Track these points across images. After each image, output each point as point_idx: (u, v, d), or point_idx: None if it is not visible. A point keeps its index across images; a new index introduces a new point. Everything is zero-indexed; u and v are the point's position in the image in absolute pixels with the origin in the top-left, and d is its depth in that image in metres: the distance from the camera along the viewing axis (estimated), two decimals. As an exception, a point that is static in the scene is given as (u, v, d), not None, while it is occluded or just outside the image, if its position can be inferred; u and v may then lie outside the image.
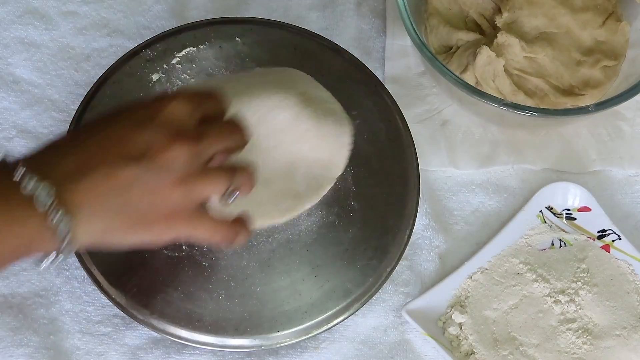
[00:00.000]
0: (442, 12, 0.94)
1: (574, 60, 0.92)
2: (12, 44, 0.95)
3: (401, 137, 0.87)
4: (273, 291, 0.81)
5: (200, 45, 0.89)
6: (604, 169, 0.93)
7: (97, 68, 0.93)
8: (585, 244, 0.88)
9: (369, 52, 0.96)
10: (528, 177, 0.93)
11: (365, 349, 0.85)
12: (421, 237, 0.89)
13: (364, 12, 0.98)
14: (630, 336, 0.84)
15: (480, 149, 0.93)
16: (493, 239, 0.88)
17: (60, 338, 0.83)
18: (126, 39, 0.95)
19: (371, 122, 0.87)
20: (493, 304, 0.85)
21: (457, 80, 0.85)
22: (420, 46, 0.86)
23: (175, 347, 0.83)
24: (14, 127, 0.92)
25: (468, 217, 0.91)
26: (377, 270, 0.82)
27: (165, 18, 0.97)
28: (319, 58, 0.90)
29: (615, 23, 0.93)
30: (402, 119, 0.88)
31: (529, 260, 0.87)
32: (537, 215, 0.90)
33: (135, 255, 0.81)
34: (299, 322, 0.80)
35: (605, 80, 0.92)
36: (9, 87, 0.93)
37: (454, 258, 0.89)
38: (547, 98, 0.90)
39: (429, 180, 0.91)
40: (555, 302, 0.85)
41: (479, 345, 0.83)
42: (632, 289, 0.86)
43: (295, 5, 0.98)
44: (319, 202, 0.83)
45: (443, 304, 0.86)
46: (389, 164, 0.86)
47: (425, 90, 0.95)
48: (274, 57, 0.89)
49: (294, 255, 0.82)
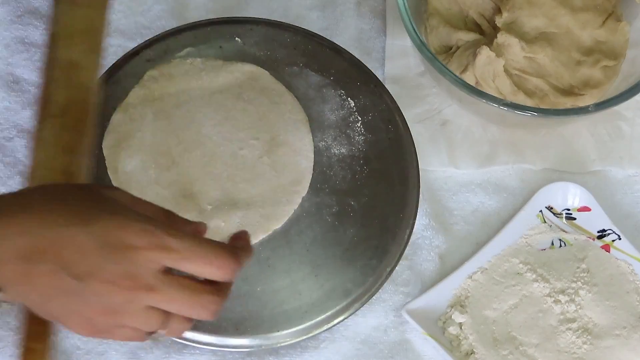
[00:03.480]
0: (442, 12, 0.94)
1: (574, 60, 0.92)
2: (12, 44, 0.95)
3: (401, 137, 0.87)
4: (273, 291, 0.81)
5: (200, 45, 0.89)
6: (604, 168, 0.93)
7: (97, 68, 0.94)
8: (585, 244, 0.88)
9: (369, 52, 0.96)
10: (528, 177, 0.93)
11: (365, 348, 0.85)
12: (421, 237, 0.89)
13: (364, 12, 0.98)
14: (630, 336, 0.84)
15: (480, 149, 0.93)
16: (493, 239, 0.88)
17: (61, 338, 0.83)
18: (126, 39, 0.95)
19: (371, 122, 0.87)
20: (493, 304, 0.85)
21: (457, 80, 0.85)
22: (420, 46, 0.86)
23: (176, 347, 0.83)
24: (14, 127, 0.92)
25: (468, 217, 0.91)
26: (377, 270, 0.82)
27: (165, 18, 0.97)
28: (319, 58, 0.90)
29: (615, 23, 0.93)
30: (402, 119, 0.88)
31: (529, 260, 0.87)
32: (537, 215, 0.90)
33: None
34: (299, 321, 0.80)
35: (605, 80, 0.92)
36: (9, 87, 0.93)
37: (454, 258, 0.89)
38: (547, 98, 0.90)
39: (429, 180, 0.91)
40: (555, 302, 0.85)
41: (479, 345, 0.83)
42: (632, 289, 0.86)
43: (295, 5, 0.98)
44: (318, 201, 0.84)
45: (443, 304, 0.86)
46: (389, 164, 0.86)
47: (425, 90, 0.95)
48: (274, 57, 0.89)
49: (294, 255, 0.82)
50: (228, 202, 0.83)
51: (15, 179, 0.89)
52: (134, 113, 0.86)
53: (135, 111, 0.86)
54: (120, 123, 0.86)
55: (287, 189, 0.84)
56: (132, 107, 0.86)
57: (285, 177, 0.85)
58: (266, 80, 0.88)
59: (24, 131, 0.91)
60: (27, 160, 0.90)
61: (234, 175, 0.84)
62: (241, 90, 0.88)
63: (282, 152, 0.85)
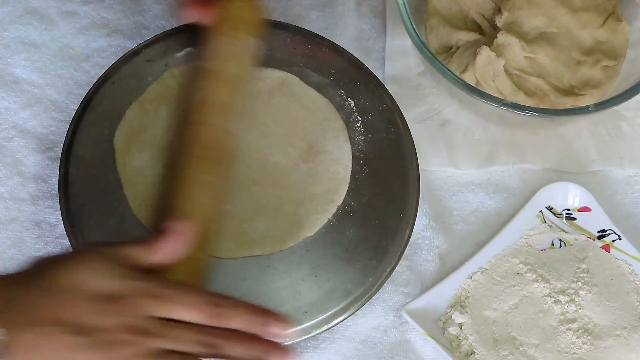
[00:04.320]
0: (442, 12, 0.94)
1: (574, 60, 0.92)
2: (12, 44, 0.95)
3: (401, 137, 0.87)
4: (273, 291, 0.81)
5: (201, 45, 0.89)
6: (604, 169, 0.93)
7: (97, 68, 0.94)
8: (585, 244, 0.88)
9: (369, 52, 0.96)
10: (528, 177, 0.93)
11: (365, 349, 0.85)
12: (421, 237, 0.89)
13: (364, 12, 0.98)
14: (630, 336, 0.84)
15: (480, 149, 0.93)
16: (493, 239, 0.88)
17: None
18: (126, 39, 0.96)
19: (371, 122, 0.87)
20: (493, 304, 0.85)
21: (457, 80, 0.85)
22: (420, 46, 0.86)
23: (175, 347, 0.83)
24: (13, 127, 0.92)
25: (468, 217, 0.91)
26: (377, 270, 0.82)
27: (165, 18, 0.97)
28: (319, 58, 0.89)
29: (615, 23, 0.93)
30: (402, 119, 0.88)
31: (529, 260, 0.87)
32: (537, 215, 0.90)
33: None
34: (298, 322, 0.80)
35: (605, 80, 0.92)
36: (9, 87, 0.93)
37: (454, 258, 0.89)
38: (547, 98, 0.90)
39: (429, 180, 0.91)
40: (555, 302, 0.85)
41: (479, 345, 0.83)
42: (632, 289, 0.86)
43: (295, 5, 0.98)
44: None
45: (443, 304, 0.86)
46: (389, 164, 0.86)
47: (425, 90, 0.95)
48: (273, 57, 0.89)
49: (294, 255, 0.82)
50: (252, 206, 0.83)
51: (15, 179, 0.89)
52: (149, 109, 0.86)
53: (150, 107, 0.86)
54: (134, 117, 0.85)
55: (324, 198, 0.84)
56: (147, 103, 0.86)
57: (322, 185, 0.84)
58: (297, 86, 0.88)
59: (24, 131, 0.91)
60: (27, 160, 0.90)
61: (260, 179, 0.84)
62: (270, 96, 0.87)
63: (321, 160, 0.85)
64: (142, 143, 0.84)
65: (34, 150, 0.91)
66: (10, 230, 0.88)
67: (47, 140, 0.91)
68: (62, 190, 0.83)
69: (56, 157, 0.88)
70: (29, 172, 0.90)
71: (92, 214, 0.82)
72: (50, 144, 0.91)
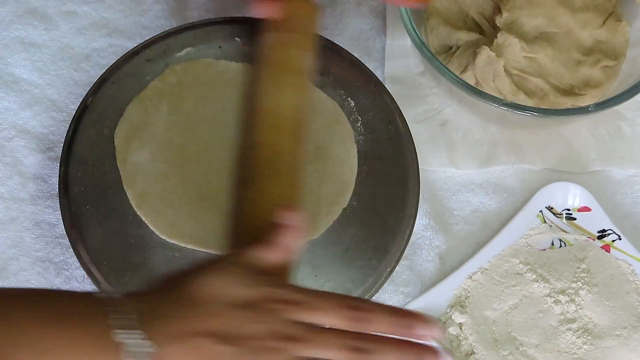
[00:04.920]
0: (442, 12, 0.94)
1: (574, 60, 0.92)
2: (12, 44, 0.95)
3: (401, 137, 0.87)
4: (273, 291, 0.81)
5: (200, 46, 0.89)
6: (604, 169, 0.93)
7: (97, 68, 0.94)
8: (585, 244, 0.88)
9: (369, 52, 0.96)
10: (528, 177, 0.93)
11: (366, 349, 0.84)
12: (421, 237, 0.89)
13: (364, 12, 0.98)
14: (630, 336, 0.84)
15: (480, 149, 0.93)
16: (493, 239, 0.88)
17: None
18: (126, 39, 0.96)
19: (371, 122, 0.87)
20: (493, 304, 0.85)
21: (457, 80, 0.85)
22: (420, 46, 0.86)
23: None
24: (13, 127, 0.92)
25: (468, 217, 0.91)
26: (377, 270, 0.82)
27: (165, 18, 0.97)
28: (319, 58, 0.89)
29: (615, 23, 0.93)
30: (402, 119, 0.88)
31: (529, 260, 0.87)
32: (537, 215, 0.90)
33: (135, 255, 0.81)
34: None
35: (605, 80, 0.92)
36: (9, 87, 0.93)
37: (454, 258, 0.89)
38: (547, 98, 0.90)
39: (429, 180, 0.91)
40: (555, 302, 0.85)
41: (479, 345, 0.83)
42: (632, 289, 0.86)
43: (295, 5, 0.98)
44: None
45: (443, 304, 0.86)
46: (389, 164, 0.86)
47: (425, 90, 0.95)
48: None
49: (294, 255, 0.82)
50: None
51: (15, 179, 0.89)
52: (150, 105, 0.86)
53: (150, 103, 0.86)
54: (135, 113, 0.85)
55: (329, 200, 0.83)
56: (148, 99, 0.86)
57: (327, 187, 0.84)
58: None
59: (24, 131, 0.91)
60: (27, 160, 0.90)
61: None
62: None
63: (328, 162, 0.85)
64: (142, 139, 0.84)
65: (34, 150, 0.91)
66: (10, 230, 0.88)
67: (47, 140, 0.91)
68: (62, 190, 0.83)
69: (56, 157, 0.88)
70: (29, 172, 0.90)
71: (92, 213, 0.82)
72: (50, 143, 0.91)
